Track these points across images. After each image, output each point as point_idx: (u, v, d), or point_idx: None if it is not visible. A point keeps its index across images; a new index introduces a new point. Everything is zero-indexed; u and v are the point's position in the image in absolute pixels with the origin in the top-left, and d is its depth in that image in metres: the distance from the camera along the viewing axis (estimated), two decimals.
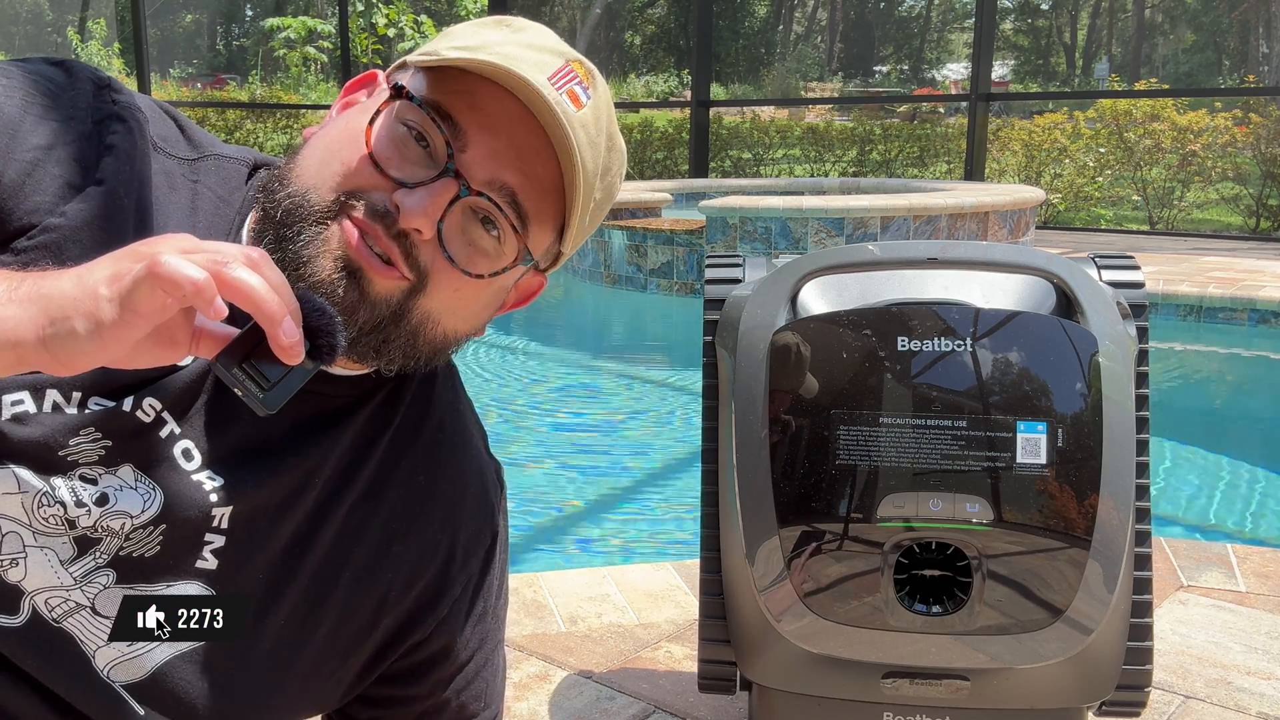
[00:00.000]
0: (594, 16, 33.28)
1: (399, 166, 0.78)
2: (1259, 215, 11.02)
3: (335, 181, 0.78)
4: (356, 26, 17.91)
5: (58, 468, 0.79)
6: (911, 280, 1.26)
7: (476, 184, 0.79)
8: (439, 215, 0.78)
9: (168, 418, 0.82)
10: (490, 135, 0.79)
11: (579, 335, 6.26)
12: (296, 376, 0.67)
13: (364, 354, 0.82)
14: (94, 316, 0.61)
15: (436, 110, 0.79)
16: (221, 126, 14.04)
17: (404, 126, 0.79)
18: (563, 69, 0.81)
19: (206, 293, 0.61)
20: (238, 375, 0.66)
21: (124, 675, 0.85)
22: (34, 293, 0.63)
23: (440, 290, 0.81)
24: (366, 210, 0.77)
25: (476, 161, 0.79)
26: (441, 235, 0.79)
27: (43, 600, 0.82)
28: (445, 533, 0.95)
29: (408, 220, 0.77)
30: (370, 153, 0.78)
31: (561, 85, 0.80)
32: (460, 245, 0.80)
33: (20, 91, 0.78)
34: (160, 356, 0.66)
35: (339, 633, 0.91)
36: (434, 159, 0.79)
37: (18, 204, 0.76)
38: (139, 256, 0.62)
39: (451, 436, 0.97)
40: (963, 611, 1.14)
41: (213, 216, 0.85)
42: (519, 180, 0.81)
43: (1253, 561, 2.20)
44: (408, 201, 0.77)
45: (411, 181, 0.78)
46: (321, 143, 0.82)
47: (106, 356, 0.63)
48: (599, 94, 0.83)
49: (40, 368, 0.64)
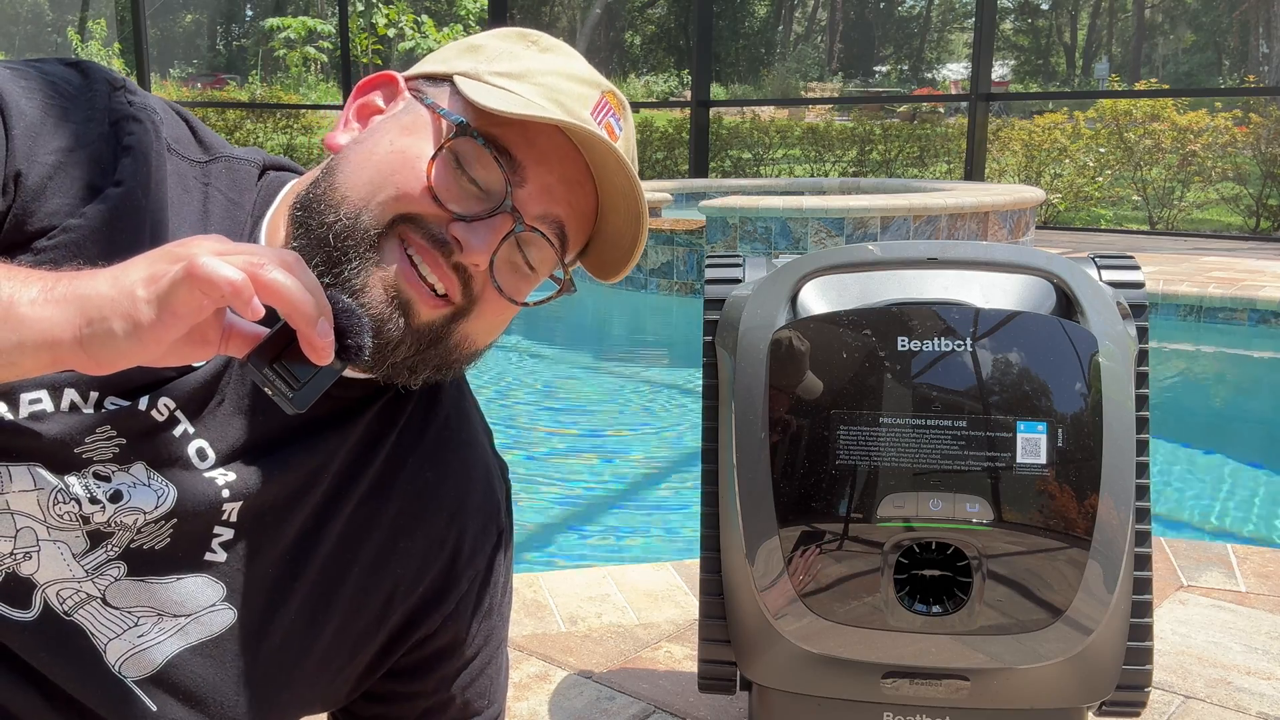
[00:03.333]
0: (594, 16, 33.26)
1: (457, 200, 0.81)
2: (1259, 215, 11.01)
3: (389, 204, 0.80)
4: (356, 26, 17.91)
5: (73, 465, 0.80)
6: (911, 280, 1.26)
7: (530, 218, 0.83)
8: (495, 249, 0.81)
9: (181, 417, 0.83)
10: (545, 170, 0.83)
11: (579, 335, 6.25)
12: (325, 376, 0.68)
13: (397, 374, 0.84)
14: (132, 317, 0.62)
15: (495, 145, 0.81)
16: (221, 126, 14.04)
17: (457, 158, 0.81)
18: (600, 103, 0.85)
19: (244, 293, 0.62)
20: (269, 375, 0.67)
21: (134, 669, 0.85)
22: (70, 293, 0.64)
23: (484, 316, 0.85)
24: (424, 236, 0.80)
25: (532, 196, 0.83)
26: (492, 265, 0.82)
27: (54, 592, 0.82)
28: (452, 529, 0.96)
29: (470, 255, 0.80)
30: (430, 185, 0.80)
31: (601, 119, 0.84)
32: (508, 275, 0.84)
33: (40, 94, 0.79)
34: (191, 355, 0.67)
35: (347, 628, 0.92)
36: (488, 193, 0.82)
37: (40, 206, 0.76)
38: (175, 258, 0.63)
39: (458, 434, 0.98)
40: (963, 611, 1.14)
41: (224, 219, 0.85)
42: (567, 212, 0.85)
43: (1253, 561, 2.20)
44: (470, 238, 0.80)
45: (469, 215, 0.80)
46: (366, 161, 0.83)
47: (143, 357, 0.64)
48: (628, 123, 0.89)
49: (76, 367, 0.64)
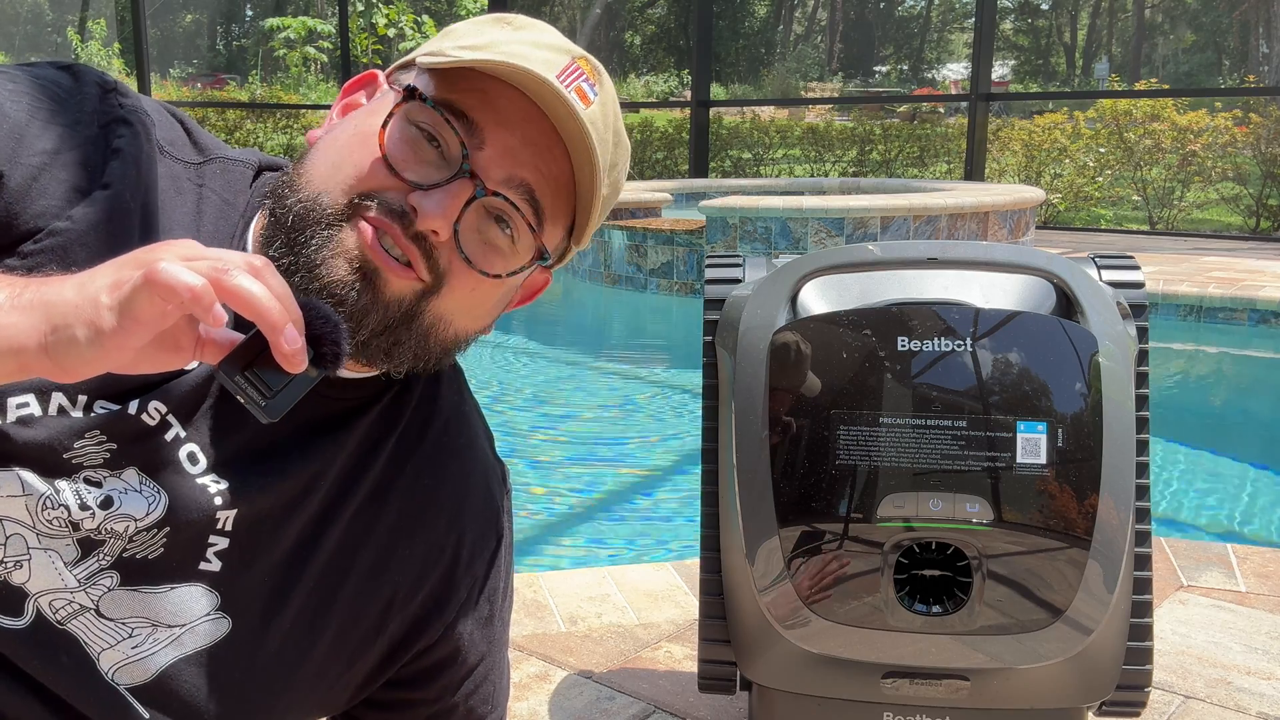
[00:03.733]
0: (594, 16, 33.26)
1: (413, 168, 0.78)
2: (1259, 215, 11.01)
3: (348, 184, 0.78)
4: (356, 26, 17.90)
5: (62, 470, 0.79)
6: (911, 280, 1.26)
7: (492, 183, 0.79)
8: (456, 216, 0.78)
9: (173, 421, 0.81)
10: (505, 132, 0.79)
11: (579, 335, 6.25)
12: (299, 384, 0.67)
13: (373, 356, 0.82)
14: (94, 324, 0.61)
15: (450, 109, 0.78)
16: (221, 126, 14.03)
17: (416, 127, 0.79)
18: (569, 66, 0.80)
19: (204, 300, 0.60)
20: (240, 383, 0.66)
21: (128, 678, 0.84)
22: (36, 300, 0.63)
23: (455, 292, 0.81)
24: (382, 210, 0.77)
25: (492, 160, 0.79)
26: (458, 236, 0.79)
27: (46, 602, 0.81)
28: (451, 536, 0.95)
29: (425, 222, 0.77)
30: (384, 155, 0.78)
31: (570, 83, 0.80)
32: (476, 245, 0.80)
33: (27, 96, 0.78)
34: (165, 362, 0.66)
35: (345, 636, 0.91)
36: (448, 159, 0.79)
37: (24, 208, 0.75)
38: (140, 264, 0.62)
39: (457, 439, 0.97)
40: (963, 611, 1.14)
41: (217, 220, 0.84)
42: (535, 177, 0.81)
43: (1253, 561, 2.20)
44: (425, 203, 0.77)
45: (426, 183, 0.78)
46: (330, 146, 0.81)
47: (109, 363, 0.63)
48: (605, 91, 0.83)
49: (43, 375, 0.64)
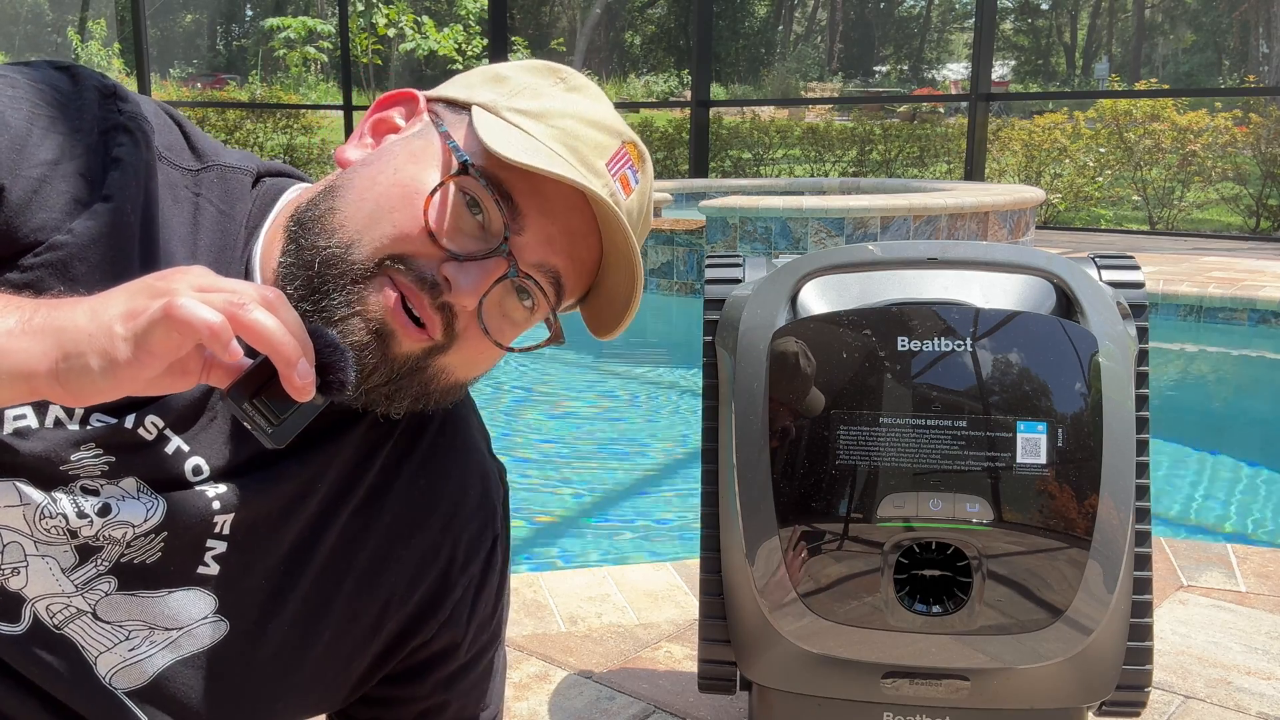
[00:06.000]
0: (594, 16, 33.25)
1: (452, 237, 0.79)
2: (1259, 215, 11.01)
3: (383, 243, 0.78)
4: (356, 26, 17.90)
5: (58, 481, 0.78)
6: (911, 280, 1.26)
7: (525, 265, 0.81)
8: (485, 292, 0.80)
9: (170, 434, 0.81)
10: (547, 221, 0.81)
11: (579, 335, 6.23)
12: (306, 412, 0.67)
13: (374, 402, 0.83)
14: (108, 355, 0.61)
15: (499, 189, 0.79)
16: (221, 126, 14.03)
17: (459, 193, 0.80)
18: (619, 154, 0.83)
19: (223, 336, 0.61)
20: (248, 410, 0.66)
21: (126, 681, 0.84)
22: (48, 325, 0.63)
23: (462, 352, 0.83)
24: (413, 276, 0.78)
25: (530, 246, 0.81)
26: (480, 307, 0.80)
27: (44, 607, 0.81)
28: (447, 536, 0.95)
29: (457, 297, 0.78)
30: (427, 223, 0.78)
31: (616, 172, 0.83)
32: (496, 318, 0.83)
33: (27, 102, 0.77)
34: (173, 386, 0.66)
35: (342, 638, 0.91)
36: (487, 233, 0.80)
37: (24, 221, 0.75)
38: (155, 293, 0.62)
39: (453, 440, 0.97)
40: (963, 611, 1.14)
41: (214, 231, 0.84)
42: (566, 265, 0.84)
43: (1253, 561, 2.20)
44: (459, 278, 0.78)
45: (463, 254, 0.79)
46: (369, 187, 0.81)
47: (119, 392, 0.63)
48: (646, 176, 0.87)
49: (51, 399, 0.64)
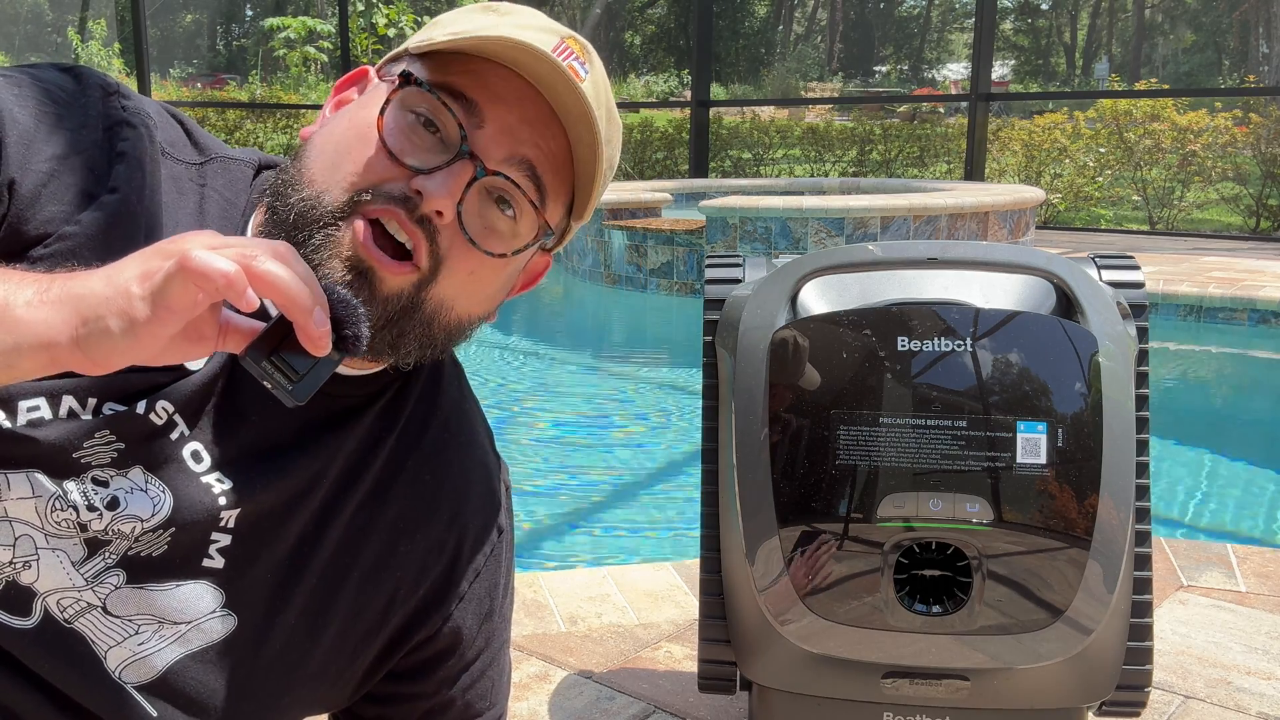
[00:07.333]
0: (594, 16, 33.25)
1: (413, 154, 0.78)
2: (1259, 215, 11.01)
3: (350, 180, 0.78)
4: (356, 26, 17.90)
5: (71, 470, 0.79)
6: (911, 280, 1.26)
7: (493, 163, 0.79)
8: (459, 197, 0.78)
9: (179, 420, 0.82)
10: (503, 109, 0.79)
11: (579, 335, 6.25)
12: (324, 368, 0.68)
13: (380, 350, 0.82)
14: (128, 314, 0.62)
15: (446, 91, 0.79)
16: (221, 126, 14.04)
17: (412, 114, 0.79)
18: (559, 46, 0.81)
19: (238, 285, 0.61)
20: (267, 368, 0.67)
21: (135, 675, 0.85)
22: (65, 294, 0.63)
23: (455, 275, 0.81)
24: (384, 200, 0.77)
25: (492, 139, 0.79)
26: (461, 218, 0.79)
27: (54, 601, 0.82)
28: (452, 531, 0.95)
29: (430, 203, 0.77)
30: (383, 143, 0.78)
31: (562, 60, 0.80)
32: (479, 228, 0.81)
33: (33, 101, 0.78)
34: (189, 352, 0.67)
35: (348, 631, 0.92)
36: (447, 143, 0.79)
37: (34, 214, 0.76)
38: (167, 254, 0.63)
39: (457, 435, 0.98)
40: (963, 611, 1.14)
41: (219, 219, 0.85)
42: (536, 154, 0.81)
43: (1253, 561, 2.20)
44: (428, 185, 0.77)
45: (428, 167, 0.78)
46: (327, 141, 0.81)
47: (140, 354, 0.63)
48: (595, 68, 0.84)
49: (74, 368, 0.64)
